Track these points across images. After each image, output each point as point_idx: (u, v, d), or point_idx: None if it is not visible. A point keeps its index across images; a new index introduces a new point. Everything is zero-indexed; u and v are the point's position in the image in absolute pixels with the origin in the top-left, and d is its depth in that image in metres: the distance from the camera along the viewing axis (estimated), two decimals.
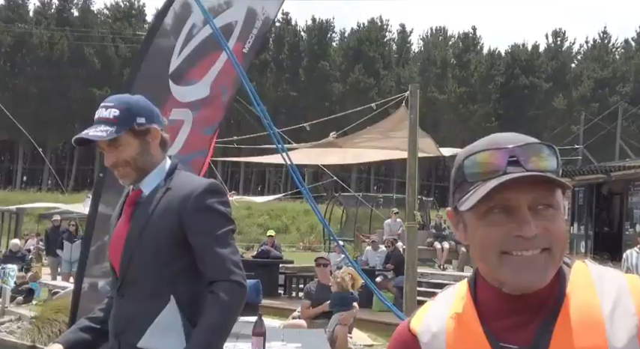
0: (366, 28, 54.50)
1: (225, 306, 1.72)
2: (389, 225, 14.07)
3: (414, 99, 8.57)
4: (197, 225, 1.77)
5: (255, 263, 11.92)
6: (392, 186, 54.12)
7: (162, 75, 4.76)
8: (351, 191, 22.42)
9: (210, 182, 1.87)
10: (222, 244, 1.76)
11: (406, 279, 8.36)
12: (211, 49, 4.96)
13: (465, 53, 52.20)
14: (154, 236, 1.80)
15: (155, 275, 1.79)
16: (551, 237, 0.89)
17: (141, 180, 1.87)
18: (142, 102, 1.92)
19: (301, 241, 29.99)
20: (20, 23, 47.25)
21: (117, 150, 1.85)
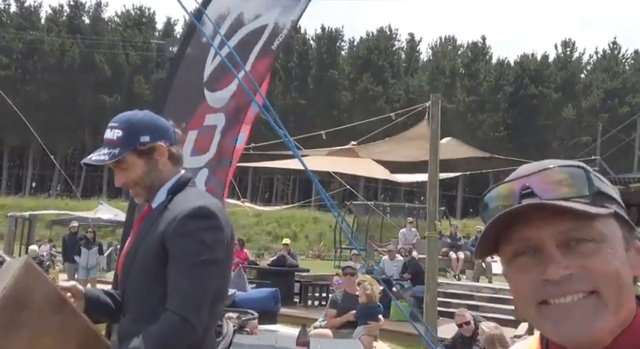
0: (375, 37, 54.63)
1: (161, 339, 1.65)
2: (404, 234, 14.05)
3: (436, 109, 8.59)
4: (173, 249, 1.70)
5: (271, 272, 11.93)
6: (399, 194, 54.09)
7: (196, 82, 4.79)
8: (363, 199, 22.38)
9: (198, 206, 1.74)
10: (189, 275, 1.67)
11: (427, 289, 8.33)
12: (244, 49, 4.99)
13: (474, 62, 52.19)
14: (144, 256, 1.77)
15: (144, 296, 1.76)
16: (594, 277, 0.73)
17: (153, 197, 1.85)
18: (147, 119, 1.86)
19: (310, 249, 29.94)
20: (32, 30, 47.57)
21: (125, 171, 1.84)
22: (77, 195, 30.85)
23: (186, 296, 1.66)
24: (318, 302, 11.63)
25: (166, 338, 1.65)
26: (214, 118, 4.88)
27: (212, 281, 1.71)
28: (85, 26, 50.02)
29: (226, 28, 4.95)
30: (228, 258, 1.81)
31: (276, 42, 5.06)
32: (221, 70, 4.90)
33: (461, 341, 5.41)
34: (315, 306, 11.49)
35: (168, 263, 1.70)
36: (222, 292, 1.82)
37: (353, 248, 21.50)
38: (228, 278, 1.86)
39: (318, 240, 31.70)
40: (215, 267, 1.72)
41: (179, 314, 1.65)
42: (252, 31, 5.00)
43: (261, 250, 28.94)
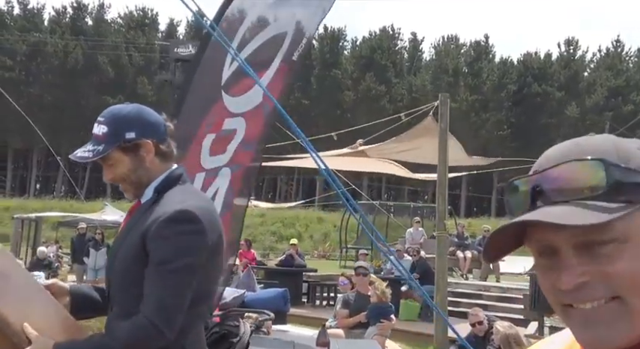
0: (377, 36, 54.64)
1: (128, 339, 1.64)
2: (411, 234, 14.05)
3: (445, 108, 8.59)
4: (152, 253, 1.68)
5: (279, 272, 11.93)
6: (403, 194, 54.06)
7: (214, 85, 4.80)
8: (369, 198, 22.36)
9: (179, 210, 1.70)
10: (164, 282, 1.65)
11: (437, 289, 8.34)
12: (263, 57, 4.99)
13: (477, 61, 52.15)
14: (125, 255, 1.75)
15: (124, 294, 1.75)
16: (613, 282, 0.67)
17: (142, 192, 1.82)
18: (134, 114, 1.82)
19: (315, 249, 29.94)
20: (35, 32, 47.66)
21: (111, 167, 1.82)
22: (81, 196, 30.93)
23: (159, 303, 1.64)
24: (326, 302, 11.64)
25: (133, 339, 1.64)
26: (234, 123, 4.88)
27: (188, 287, 1.68)
28: (88, 28, 50.07)
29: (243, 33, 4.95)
30: (215, 259, 1.77)
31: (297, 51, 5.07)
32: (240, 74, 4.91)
33: (474, 341, 5.40)
34: (323, 306, 11.50)
35: (148, 265, 1.68)
36: (206, 293, 1.79)
37: (359, 248, 21.52)
38: (214, 279, 1.82)
39: (323, 240, 31.70)
40: (192, 273, 1.68)
41: (150, 319, 1.63)
42: (272, 36, 4.99)
43: (266, 250, 28.95)
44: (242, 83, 4.87)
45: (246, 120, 4.92)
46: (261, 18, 4.89)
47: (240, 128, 4.90)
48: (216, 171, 4.83)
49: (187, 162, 4.89)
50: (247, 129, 4.96)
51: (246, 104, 4.89)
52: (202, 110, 4.84)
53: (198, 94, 4.80)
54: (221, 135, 4.83)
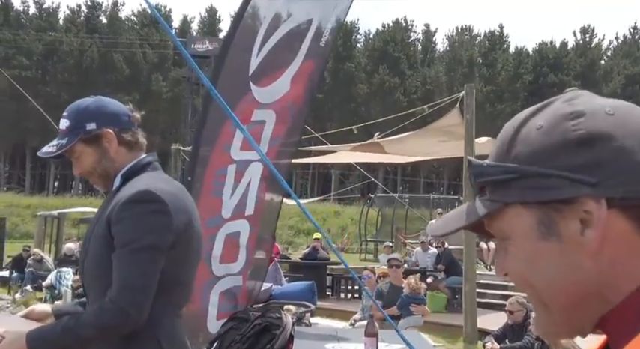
0: (390, 28, 54.42)
1: (95, 323, 1.63)
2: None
3: (470, 99, 8.56)
4: (115, 235, 1.67)
5: (303, 265, 11.99)
6: (419, 186, 53.91)
7: (242, 77, 4.83)
8: (388, 191, 22.36)
9: (140, 190, 1.69)
10: (128, 263, 1.64)
11: (465, 280, 8.34)
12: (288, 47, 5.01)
13: (492, 52, 51.79)
14: (95, 243, 1.74)
15: (98, 285, 1.72)
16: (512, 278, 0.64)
17: (112, 184, 1.82)
18: (94, 106, 1.82)
19: (333, 243, 29.98)
20: (51, 31, 48.04)
21: (78, 160, 1.83)
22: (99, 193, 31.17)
23: (124, 284, 1.63)
24: (350, 295, 11.67)
25: (99, 323, 1.62)
26: (262, 114, 4.91)
27: (153, 267, 1.65)
28: (103, 26, 50.38)
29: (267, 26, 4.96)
30: (185, 244, 1.74)
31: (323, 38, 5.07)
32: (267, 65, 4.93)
33: (511, 330, 5.40)
34: (347, 299, 11.54)
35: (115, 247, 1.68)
36: (179, 278, 1.76)
37: (378, 241, 21.53)
38: (187, 266, 1.78)
39: (341, 234, 31.71)
40: (157, 253, 1.66)
41: (114, 301, 1.62)
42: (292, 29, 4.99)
43: (284, 244, 29.06)
44: (269, 73, 4.89)
45: (275, 113, 4.95)
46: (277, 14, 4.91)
47: (269, 120, 4.92)
48: (247, 164, 4.87)
49: (215, 155, 4.94)
50: (276, 123, 4.99)
51: (273, 94, 4.91)
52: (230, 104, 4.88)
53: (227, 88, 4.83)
54: (251, 128, 4.86)
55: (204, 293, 4.94)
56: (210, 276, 4.89)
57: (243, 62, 4.77)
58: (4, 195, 36.08)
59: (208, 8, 54.47)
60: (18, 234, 27.30)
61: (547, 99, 0.67)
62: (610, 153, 0.58)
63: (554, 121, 0.61)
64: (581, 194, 0.58)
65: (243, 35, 4.75)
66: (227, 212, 4.75)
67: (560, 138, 0.60)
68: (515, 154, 0.61)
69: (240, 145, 4.82)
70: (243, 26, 4.76)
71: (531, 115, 0.64)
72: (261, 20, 4.78)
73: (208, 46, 32.09)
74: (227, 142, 4.77)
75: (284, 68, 4.94)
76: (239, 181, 4.74)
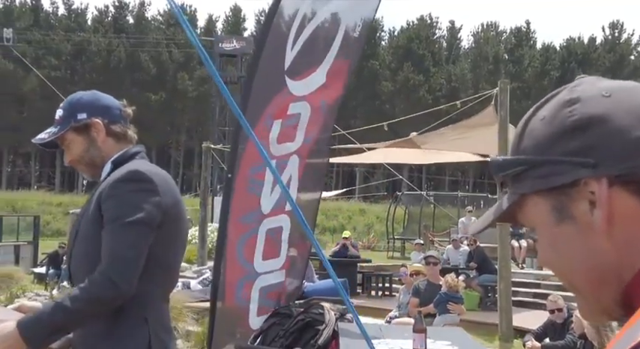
0: (415, 25, 54.13)
1: (84, 295, 1.65)
2: (463, 223, 13.95)
3: (504, 96, 8.49)
4: (106, 211, 1.73)
5: (333, 263, 11.95)
6: (444, 184, 53.58)
7: (278, 70, 4.86)
8: (416, 189, 22.27)
9: (126, 171, 1.79)
10: (117, 236, 1.68)
11: (500, 277, 8.27)
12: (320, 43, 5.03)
13: (518, 48, 51.22)
14: (86, 227, 1.80)
15: (86, 264, 1.77)
16: (552, 271, 0.66)
17: (99, 173, 1.89)
18: (87, 98, 1.92)
19: (359, 240, 29.96)
20: (79, 32, 48.77)
21: (68, 149, 1.90)
22: None
23: (111, 256, 1.66)
24: (381, 292, 11.67)
25: (88, 295, 1.65)
26: (298, 107, 4.93)
27: (142, 240, 1.69)
28: (130, 26, 50.99)
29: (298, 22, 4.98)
30: (172, 226, 1.79)
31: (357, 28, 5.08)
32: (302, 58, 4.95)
33: (552, 329, 5.36)
34: (378, 296, 11.52)
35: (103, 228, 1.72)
36: (166, 260, 1.79)
37: (405, 238, 21.45)
38: (173, 248, 1.82)
39: (366, 232, 31.70)
40: (146, 228, 1.70)
41: (103, 273, 1.65)
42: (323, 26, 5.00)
43: None
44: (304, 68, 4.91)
45: (310, 105, 4.96)
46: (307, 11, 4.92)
47: (304, 112, 4.94)
48: (286, 158, 4.90)
49: (249, 152, 4.97)
50: (310, 117, 5.01)
51: (308, 87, 4.93)
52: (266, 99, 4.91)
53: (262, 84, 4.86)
54: (287, 122, 4.88)
55: (238, 290, 4.99)
56: (245, 273, 4.93)
57: (278, 57, 4.80)
58: (36, 194, 36.78)
59: (233, 7, 54.77)
60: (50, 231, 27.81)
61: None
62: (604, 133, 0.60)
63: (554, 111, 0.64)
64: (583, 176, 0.60)
65: (276, 31, 4.78)
66: (267, 208, 4.79)
67: (559, 126, 0.62)
68: (523, 147, 0.65)
69: (277, 139, 4.85)
70: (276, 22, 4.79)
71: (538, 108, 0.67)
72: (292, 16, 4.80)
73: (235, 45, 32.30)
74: (261, 139, 4.80)
75: (318, 63, 4.96)
76: (280, 175, 4.77)
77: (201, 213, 12.66)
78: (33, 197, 35.06)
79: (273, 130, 4.67)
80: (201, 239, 12.77)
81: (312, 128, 4.93)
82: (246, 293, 4.92)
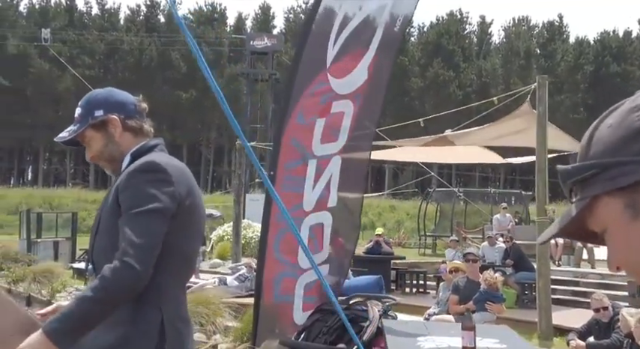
0: (445, 21, 53.63)
1: (104, 281, 1.67)
2: (498, 220, 13.82)
3: (543, 91, 8.39)
4: (122, 202, 1.77)
5: (367, 259, 11.99)
6: (474, 180, 53.03)
7: (319, 68, 4.88)
8: (449, 186, 22.11)
9: (143, 161, 1.83)
10: (132, 223, 1.72)
11: (539, 275, 8.19)
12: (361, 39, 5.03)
13: (551, 42, 50.39)
14: (106, 220, 1.84)
15: (106, 256, 1.79)
16: (627, 272, 0.69)
17: (119, 167, 1.92)
18: (103, 95, 1.96)
19: (390, 237, 29.86)
20: (112, 31, 49.56)
21: (88, 146, 1.95)
22: None
23: (127, 242, 1.69)
24: (415, 289, 11.63)
25: (108, 283, 1.67)
26: (341, 105, 4.95)
27: (158, 228, 1.72)
28: (161, 25, 51.62)
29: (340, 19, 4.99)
30: (186, 216, 1.81)
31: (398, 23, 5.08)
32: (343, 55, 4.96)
33: (597, 328, 5.28)
34: (413, 293, 11.49)
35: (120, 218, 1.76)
36: (180, 250, 1.80)
37: (437, 235, 21.31)
38: (188, 237, 1.84)
39: (396, 228, 31.58)
40: (161, 216, 1.73)
41: (119, 259, 1.68)
42: (364, 22, 5.00)
43: None
44: (346, 64, 4.92)
45: (352, 103, 4.98)
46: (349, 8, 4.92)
47: (347, 111, 4.96)
48: (328, 158, 4.93)
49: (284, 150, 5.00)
50: (354, 113, 5.02)
51: (350, 85, 4.94)
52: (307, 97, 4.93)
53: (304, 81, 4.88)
54: (330, 121, 4.91)
55: (275, 286, 5.04)
56: (282, 269, 4.97)
57: (319, 55, 4.82)
58: (71, 191, 37.53)
59: (262, 5, 55.01)
60: (85, 227, 28.27)
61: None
62: None
63: (620, 118, 0.67)
64: None
65: (318, 29, 4.81)
66: (309, 204, 4.83)
67: (627, 130, 0.66)
68: (592, 153, 0.68)
69: (320, 138, 4.88)
70: (318, 21, 4.82)
71: (603, 118, 0.70)
72: (334, 14, 4.82)
73: (267, 43, 32.41)
74: (295, 137, 4.83)
75: (359, 59, 4.98)
76: (320, 175, 4.81)
77: (235, 210, 12.75)
78: (69, 194, 35.80)
79: (317, 129, 4.71)
80: (236, 235, 12.87)
81: (354, 125, 4.95)
82: (285, 289, 4.96)
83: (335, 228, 4.85)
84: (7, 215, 34.58)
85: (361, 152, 5.09)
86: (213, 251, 17.15)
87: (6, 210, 35.35)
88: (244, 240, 14.71)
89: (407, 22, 5.17)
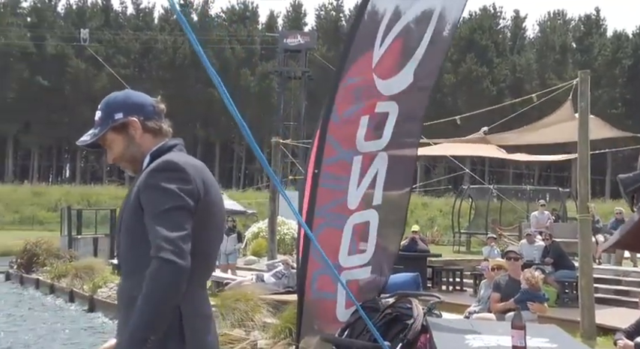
0: (478, 16, 52.98)
1: (150, 285, 1.69)
2: (536, 218, 13.61)
3: (585, 86, 8.24)
4: (144, 203, 1.79)
5: (403, 257, 11.91)
6: (507, 177, 52.32)
7: (367, 70, 4.88)
8: (483, 182, 21.87)
9: (161, 161, 1.85)
10: (160, 221, 1.73)
11: (581, 273, 8.05)
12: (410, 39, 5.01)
13: (587, 36, 49.37)
14: (127, 219, 1.86)
15: (129, 255, 1.85)
16: None
17: (140, 167, 1.94)
18: (121, 97, 1.98)
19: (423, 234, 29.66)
20: (147, 31, 50.31)
21: (110, 149, 1.98)
22: None
23: (161, 238, 1.71)
24: (452, 287, 11.54)
25: (154, 284, 1.69)
26: (386, 106, 4.94)
27: (184, 221, 1.75)
28: (194, 23, 52.17)
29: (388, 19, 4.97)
30: (204, 214, 1.82)
31: (447, 27, 5.05)
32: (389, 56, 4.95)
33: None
34: (449, 291, 11.41)
35: (144, 216, 1.78)
36: (199, 247, 1.80)
37: (471, 233, 21.11)
38: (207, 235, 1.85)
39: (429, 225, 31.37)
40: (187, 212, 1.76)
41: (158, 256, 1.69)
42: (414, 22, 4.98)
43: None
44: (392, 65, 4.91)
45: (398, 104, 4.96)
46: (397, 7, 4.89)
47: (392, 111, 4.95)
48: (373, 155, 4.92)
49: (328, 149, 5.02)
50: (399, 114, 5.00)
51: (396, 86, 4.92)
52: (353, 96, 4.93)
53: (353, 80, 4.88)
54: (374, 119, 4.91)
55: (313, 283, 5.05)
56: (319, 266, 4.98)
57: (366, 55, 4.82)
58: (107, 188, 38.24)
59: (293, 3, 55.11)
60: None
61: None
62: None
63: None
64: None
65: (365, 29, 4.80)
66: (353, 203, 4.84)
67: None
68: None
69: (364, 136, 4.88)
70: (365, 21, 4.82)
71: None
72: (382, 14, 4.81)
73: (300, 40, 32.55)
74: (333, 134, 4.83)
75: (407, 60, 4.96)
76: (365, 172, 4.81)
77: (270, 208, 12.81)
78: (105, 191, 36.50)
79: (361, 126, 4.71)
80: (271, 233, 12.94)
81: (400, 124, 4.95)
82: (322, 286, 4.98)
83: (380, 227, 4.85)
84: (47, 212, 35.48)
85: (408, 149, 5.08)
86: (247, 248, 17.30)
87: (45, 207, 36.26)
88: (279, 237, 14.79)
89: (455, 26, 5.13)
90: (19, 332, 10.17)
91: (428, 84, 5.09)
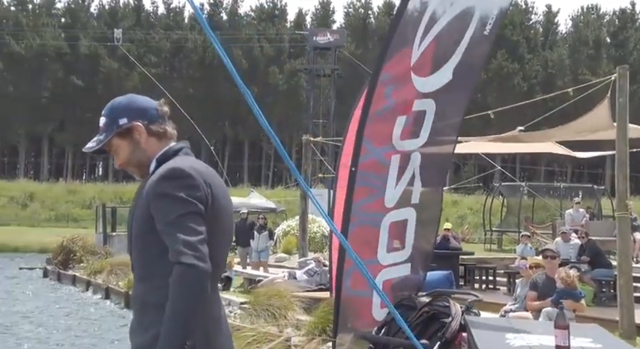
0: (509, 12, 52.25)
1: (177, 291, 1.69)
2: (571, 215, 13.40)
3: (623, 81, 8.08)
4: (155, 212, 1.79)
5: (435, 255, 11.83)
6: (539, 174, 51.54)
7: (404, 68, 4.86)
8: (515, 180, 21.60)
9: (168, 169, 1.84)
10: (176, 227, 1.74)
11: (620, 272, 7.91)
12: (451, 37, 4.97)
13: (622, 31, 48.28)
14: (137, 226, 1.87)
15: (141, 259, 1.86)
16: None
17: (147, 171, 1.94)
18: (125, 102, 1.98)
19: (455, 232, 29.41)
20: (177, 30, 50.84)
21: (116, 154, 1.98)
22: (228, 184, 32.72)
23: (179, 243, 1.71)
24: (485, 285, 11.43)
25: (178, 290, 1.69)
26: (423, 104, 4.92)
27: (198, 225, 1.76)
28: (224, 22, 52.56)
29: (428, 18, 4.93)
30: (212, 219, 1.83)
31: (488, 26, 5.00)
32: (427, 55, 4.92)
33: None
34: (482, 289, 11.30)
35: (156, 224, 1.79)
36: (212, 252, 1.78)
37: (503, 230, 20.85)
38: (215, 239, 1.84)
39: (459, 223, 31.11)
40: (197, 216, 1.77)
41: (180, 261, 1.70)
42: (454, 20, 4.93)
43: None
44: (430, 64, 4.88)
45: (435, 102, 4.93)
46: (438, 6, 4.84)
47: (429, 109, 4.92)
48: (410, 153, 4.91)
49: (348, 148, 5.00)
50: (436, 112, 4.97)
51: (434, 84, 4.89)
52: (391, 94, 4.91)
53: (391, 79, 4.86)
54: (411, 118, 4.88)
55: (345, 280, 5.05)
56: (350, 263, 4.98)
57: (404, 53, 4.80)
58: (126, 186, 38.69)
59: (322, 1, 55.09)
60: None
61: None
62: None
63: None
64: None
65: (404, 28, 4.78)
66: (391, 201, 4.82)
67: None
68: None
69: (400, 134, 4.87)
70: (404, 20, 4.79)
71: None
72: (422, 12, 4.78)
73: (329, 38, 32.55)
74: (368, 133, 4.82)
75: (445, 60, 4.92)
76: (404, 171, 4.80)
77: (301, 206, 12.87)
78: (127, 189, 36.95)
79: (397, 126, 4.70)
80: (302, 230, 13.00)
81: (437, 123, 4.92)
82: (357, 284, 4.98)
83: (418, 225, 4.83)
84: (81, 209, 36.15)
85: (445, 146, 5.05)
86: (277, 245, 17.40)
87: (80, 205, 36.95)
88: (309, 235, 14.84)
89: (498, 24, 5.07)
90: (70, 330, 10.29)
91: (467, 83, 5.05)
